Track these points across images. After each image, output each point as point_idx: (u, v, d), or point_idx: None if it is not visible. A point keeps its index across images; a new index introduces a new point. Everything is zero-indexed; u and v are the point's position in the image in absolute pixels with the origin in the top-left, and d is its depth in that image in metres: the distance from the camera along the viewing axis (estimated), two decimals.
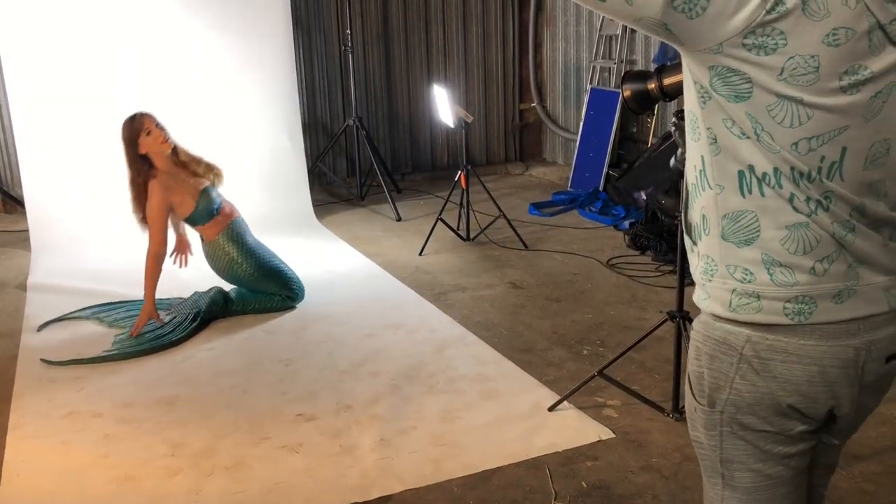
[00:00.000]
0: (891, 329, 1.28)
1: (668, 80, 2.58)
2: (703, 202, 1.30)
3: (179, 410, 3.11)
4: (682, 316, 2.77)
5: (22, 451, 2.83)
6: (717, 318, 1.31)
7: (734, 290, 1.27)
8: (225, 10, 5.59)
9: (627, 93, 2.67)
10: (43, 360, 3.55)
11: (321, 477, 2.61)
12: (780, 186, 1.20)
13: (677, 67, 2.64)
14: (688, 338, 2.78)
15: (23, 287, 4.59)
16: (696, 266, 1.36)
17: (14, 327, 3.99)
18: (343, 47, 6.64)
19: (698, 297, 1.35)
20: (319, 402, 3.13)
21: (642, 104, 2.70)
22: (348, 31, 6.42)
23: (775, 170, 1.19)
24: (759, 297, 1.25)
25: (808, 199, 1.20)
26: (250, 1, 5.66)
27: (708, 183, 1.27)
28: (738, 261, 1.27)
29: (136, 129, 3.77)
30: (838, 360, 1.25)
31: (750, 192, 1.22)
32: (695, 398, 1.38)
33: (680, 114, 2.31)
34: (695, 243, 1.36)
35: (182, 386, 3.32)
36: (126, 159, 3.83)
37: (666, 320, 2.83)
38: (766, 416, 1.30)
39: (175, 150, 3.88)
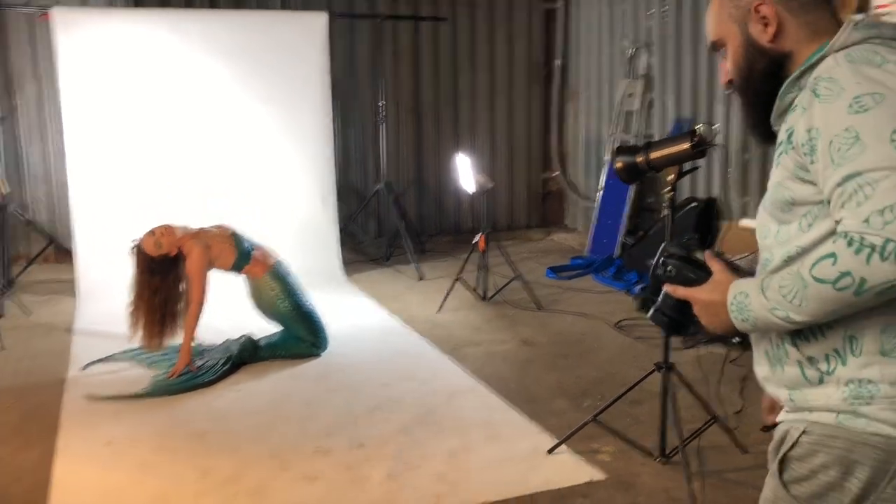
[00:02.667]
0: None
1: (654, 155, 2.91)
2: (849, 322, 1.25)
3: (209, 443, 3.41)
4: (667, 367, 3.03)
5: (68, 473, 3.14)
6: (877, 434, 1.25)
7: None
8: (271, 83, 6.08)
9: (619, 164, 3.01)
10: (87, 396, 3.88)
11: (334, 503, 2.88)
12: None
13: (663, 143, 2.97)
14: (673, 388, 3.03)
15: (69, 330, 4.97)
16: (829, 396, 1.28)
17: (61, 366, 4.35)
18: (376, 117, 7.09)
19: (842, 420, 1.28)
20: (336, 440, 3.41)
21: (632, 175, 3.03)
22: (382, 103, 6.88)
23: None
24: None
25: None
26: (294, 74, 6.15)
27: None
28: None
29: (146, 249, 4.15)
30: None
31: None
32: None
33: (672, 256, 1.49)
34: (827, 372, 1.29)
35: (212, 422, 3.62)
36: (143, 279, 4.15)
37: (653, 371, 3.08)
38: None
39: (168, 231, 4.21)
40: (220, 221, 4.61)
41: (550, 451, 3.27)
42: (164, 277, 4.14)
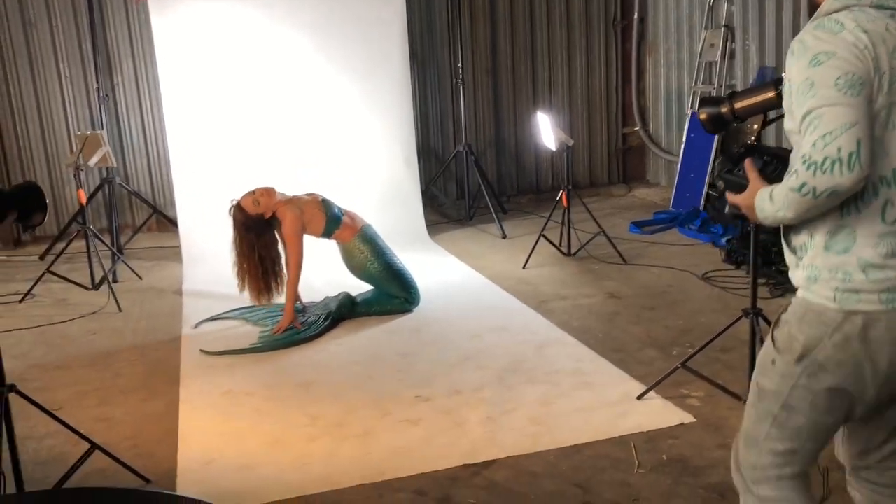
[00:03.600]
0: None
1: (739, 105, 2.92)
2: (813, 224, 1.69)
3: (315, 391, 3.66)
4: (756, 312, 3.09)
5: (192, 420, 3.43)
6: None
7: (836, 288, 1.67)
8: (353, 53, 6.26)
9: (703, 116, 3.03)
10: (202, 351, 4.19)
11: (436, 444, 3.08)
12: (877, 196, 1.63)
13: (747, 93, 2.98)
14: (761, 332, 3.10)
15: (178, 293, 5.32)
16: (799, 276, 1.75)
17: (175, 324, 4.68)
18: (454, 80, 7.20)
19: (803, 294, 1.74)
20: (433, 388, 3.61)
21: (717, 126, 3.06)
22: (459, 65, 6.98)
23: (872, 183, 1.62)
24: (858, 292, 1.65)
25: None
26: (374, 43, 6.31)
27: None
28: (839, 266, 1.67)
29: (244, 206, 4.42)
30: None
31: (848, 212, 1.66)
32: (777, 352, 1.77)
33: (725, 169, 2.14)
34: (800, 259, 1.74)
35: (317, 372, 3.87)
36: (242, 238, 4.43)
37: (741, 317, 3.15)
38: (844, 377, 1.68)
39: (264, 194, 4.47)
40: (310, 189, 4.84)
41: (640, 396, 3.39)
42: (259, 235, 4.40)
